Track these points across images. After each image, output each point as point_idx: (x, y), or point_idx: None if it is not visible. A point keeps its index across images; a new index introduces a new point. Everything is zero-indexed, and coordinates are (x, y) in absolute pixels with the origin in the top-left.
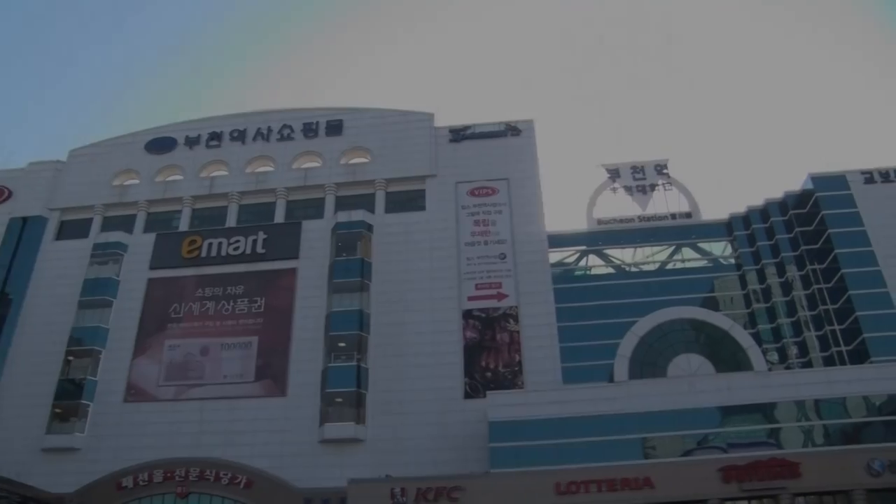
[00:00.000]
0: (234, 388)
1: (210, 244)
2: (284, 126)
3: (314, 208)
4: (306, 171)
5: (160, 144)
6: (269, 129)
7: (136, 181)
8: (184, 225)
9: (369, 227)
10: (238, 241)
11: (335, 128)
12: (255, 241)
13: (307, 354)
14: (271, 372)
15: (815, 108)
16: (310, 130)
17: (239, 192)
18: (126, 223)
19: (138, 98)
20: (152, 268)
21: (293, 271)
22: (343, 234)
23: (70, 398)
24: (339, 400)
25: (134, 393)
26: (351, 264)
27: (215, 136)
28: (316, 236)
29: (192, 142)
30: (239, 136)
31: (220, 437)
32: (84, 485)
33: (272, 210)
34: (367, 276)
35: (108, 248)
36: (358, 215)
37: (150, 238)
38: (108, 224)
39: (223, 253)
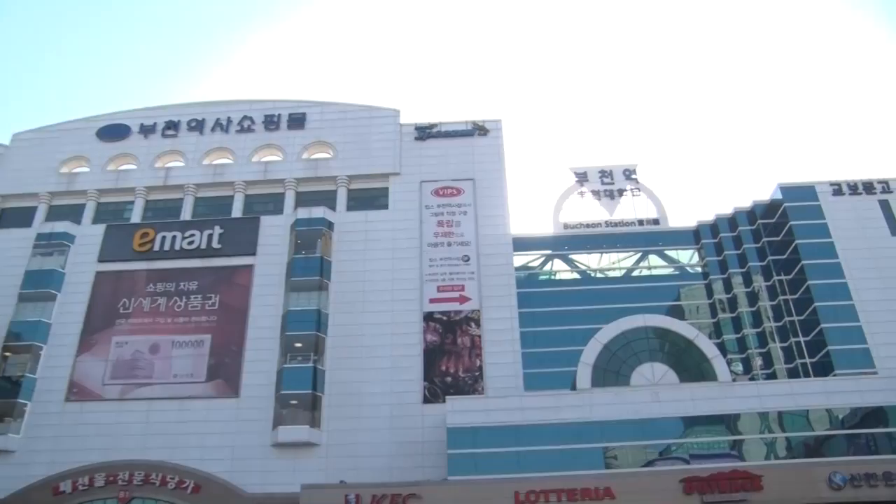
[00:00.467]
0: (184, 388)
1: (163, 237)
2: (245, 117)
3: (273, 203)
4: (266, 165)
5: (113, 131)
6: (229, 120)
7: (86, 169)
8: (136, 216)
9: (330, 225)
10: (193, 234)
11: (297, 121)
12: (210, 236)
13: (262, 354)
14: (224, 372)
15: (787, 118)
16: (271, 123)
17: (195, 184)
18: (74, 213)
19: (90, 83)
20: (101, 260)
21: (250, 268)
22: (303, 232)
23: (6, 397)
24: (294, 402)
25: (76, 392)
26: (310, 262)
27: (172, 126)
28: (274, 232)
29: (147, 130)
30: (197, 126)
31: (168, 439)
32: (18, 489)
33: (230, 204)
34: (327, 275)
35: (54, 238)
36: (318, 212)
37: (100, 229)
38: (54, 213)
39: (177, 247)
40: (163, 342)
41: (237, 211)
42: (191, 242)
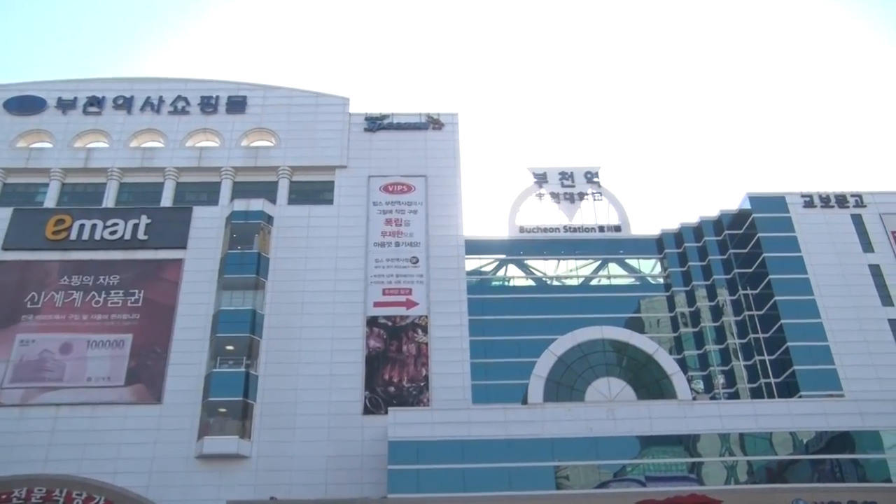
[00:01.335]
0: (98, 393)
1: (82, 225)
2: (179, 98)
3: (207, 193)
4: (201, 151)
5: (24, 104)
6: (161, 100)
7: None
8: (50, 201)
9: (269, 219)
10: (116, 224)
11: (238, 105)
12: (136, 226)
13: (189, 357)
14: (145, 375)
15: (759, 124)
16: (208, 105)
17: (120, 168)
18: None
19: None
20: (6, 248)
21: (179, 262)
22: (239, 225)
23: None
24: (223, 410)
25: None
26: (246, 259)
27: (95, 102)
28: (208, 225)
29: (65, 105)
30: (124, 103)
31: (77, 450)
32: None
33: (159, 192)
34: (264, 272)
35: None
36: (257, 205)
37: (6, 213)
38: None
39: (97, 237)
40: (76, 341)
41: (167, 200)
42: (113, 232)
